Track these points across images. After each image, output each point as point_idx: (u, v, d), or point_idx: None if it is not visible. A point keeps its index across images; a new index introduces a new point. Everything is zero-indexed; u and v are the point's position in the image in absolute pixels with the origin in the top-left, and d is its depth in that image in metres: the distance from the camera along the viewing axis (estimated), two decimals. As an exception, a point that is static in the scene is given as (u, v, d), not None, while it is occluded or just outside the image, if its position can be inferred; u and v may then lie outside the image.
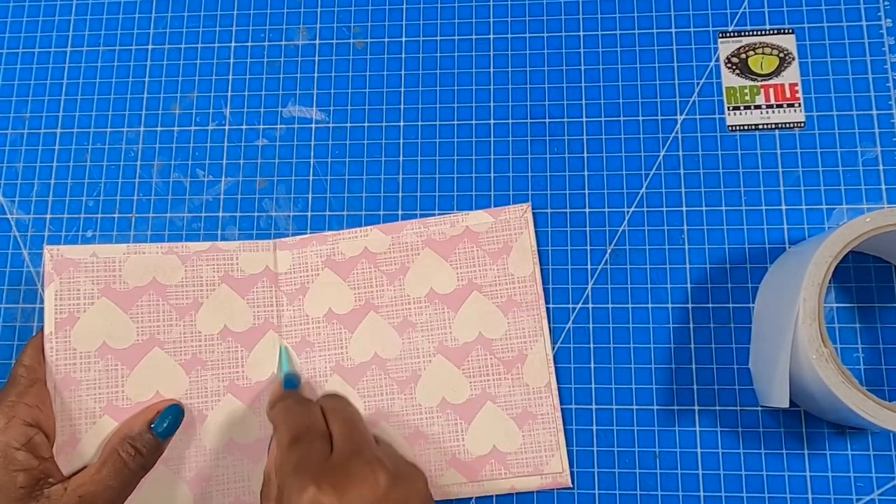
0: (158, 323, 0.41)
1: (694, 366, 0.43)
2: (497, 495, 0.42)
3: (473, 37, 0.48)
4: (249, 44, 0.49)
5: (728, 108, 0.46)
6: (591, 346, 0.43)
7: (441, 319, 0.43)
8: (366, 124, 0.47)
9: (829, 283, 0.37)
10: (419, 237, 0.44)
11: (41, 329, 0.40)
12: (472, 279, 0.43)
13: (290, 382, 0.41)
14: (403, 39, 0.49)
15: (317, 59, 0.49)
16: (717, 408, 0.42)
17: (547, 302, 0.44)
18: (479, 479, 0.41)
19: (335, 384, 0.43)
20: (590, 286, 0.44)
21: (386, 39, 0.48)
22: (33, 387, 0.37)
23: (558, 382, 0.43)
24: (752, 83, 0.46)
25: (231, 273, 0.43)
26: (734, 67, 0.46)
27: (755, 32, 0.47)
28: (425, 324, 0.43)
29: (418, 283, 0.43)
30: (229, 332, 0.42)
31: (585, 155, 0.46)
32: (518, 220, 0.44)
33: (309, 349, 0.43)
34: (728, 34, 0.47)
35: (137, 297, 0.42)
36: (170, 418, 0.39)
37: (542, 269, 0.44)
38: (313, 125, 0.48)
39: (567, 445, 0.42)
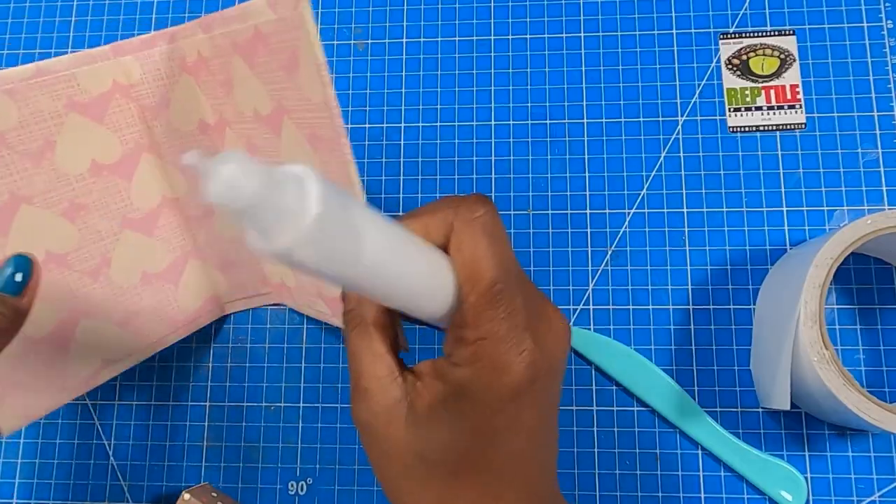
0: (13, 177, 0.35)
1: (695, 367, 0.43)
2: None
3: (474, 38, 0.48)
4: (250, 45, 0.49)
5: (729, 109, 0.46)
6: (592, 347, 0.43)
7: (274, 145, 0.35)
8: (367, 126, 0.47)
9: (831, 284, 0.37)
10: (227, 39, 0.34)
11: None
12: (281, 101, 0.33)
13: None
14: (404, 40, 0.48)
15: (318, 59, 0.49)
16: (719, 409, 0.42)
17: (548, 303, 0.44)
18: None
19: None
20: (591, 288, 0.44)
21: (387, 41, 0.48)
22: None
23: (559, 384, 0.43)
24: (753, 84, 0.46)
25: (76, 98, 0.36)
26: (735, 69, 0.46)
27: (756, 34, 0.47)
28: (264, 149, 0.36)
29: (245, 101, 0.36)
30: (100, 165, 0.37)
31: (586, 156, 0.46)
32: (292, 15, 0.30)
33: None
34: (729, 35, 0.47)
35: None
36: (4, 271, 0.34)
37: (536, 270, 0.44)
38: (314, 126, 0.48)
39: (568, 447, 0.42)
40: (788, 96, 0.46)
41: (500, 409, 0.26)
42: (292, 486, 0.43)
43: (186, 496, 0.40)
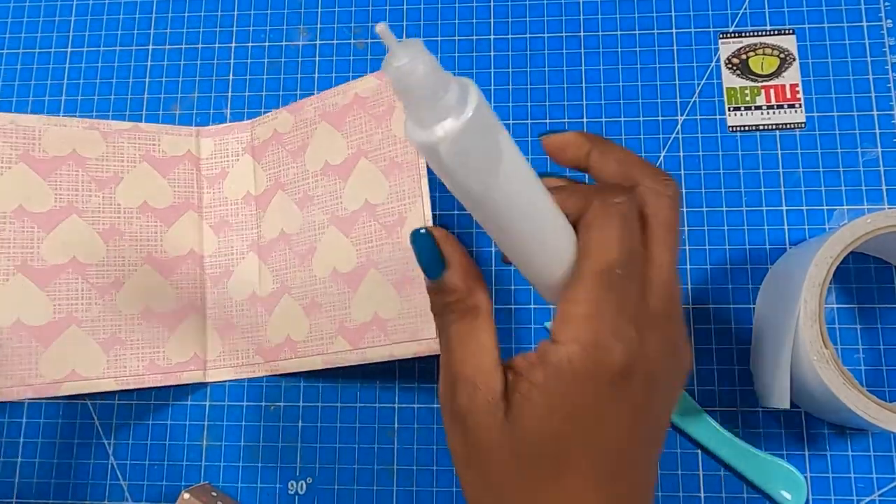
0: (77, 192, 0.42)
1: (695, 367, 0.43)
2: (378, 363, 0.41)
3: (474, 37, 0.48)
4: (250, 44, 0.49)
5: (729, 108, 0.46)
6: (592, 346, 0.43)
7: (334, 191, 0.43)
8: (366, 125, 0.47)
9: (830, 283, 0.37)
10: (316, 111, 0.44)
11: None
12: (360, 146, 0.42)
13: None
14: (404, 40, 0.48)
15: (317, 59, 0.49)
16: (718, 408, 0.42)
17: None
18: (362, 346, 0.41)
19: (250, 261, 0.44)
20: (590, 287, 0.44)
21: (387, 40, 0.48)
22: None
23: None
24: (752, 84, 0.46)
25: (153, 153, 0.45)
26: (735, 68, 0.46)
27: (756, 33, 0.47)
28: (321, 197, 0.43)
29: (316, 158, 0.44)
30: (149, 207, 0.44)
31: (586, 156, 0.46)
32: None
33: (227, 229, 0.45)
34: (729, 35, 0.47)
35: (57, 166, 0.42)
36: None
37: None
38: (314, 126, 0.48)
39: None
40: (788, 96, 0.46)
41: (597, 392, 0.25)
42: (292, 485, 0.43)
43: (186, 496, 0.40)
